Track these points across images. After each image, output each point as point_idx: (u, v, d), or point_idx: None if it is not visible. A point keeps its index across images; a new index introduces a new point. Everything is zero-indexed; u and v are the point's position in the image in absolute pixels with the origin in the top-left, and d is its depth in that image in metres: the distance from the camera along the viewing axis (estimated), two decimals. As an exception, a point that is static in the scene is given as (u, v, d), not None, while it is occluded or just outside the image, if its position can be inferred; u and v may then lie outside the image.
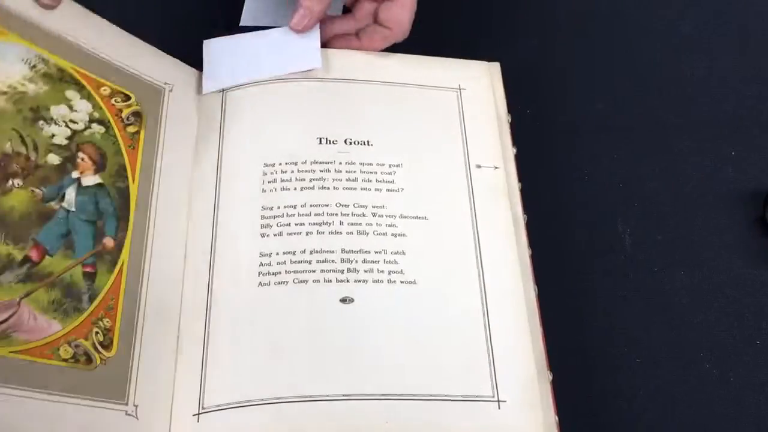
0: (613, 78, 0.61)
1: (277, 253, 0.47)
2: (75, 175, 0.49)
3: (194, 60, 0.55)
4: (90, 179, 0.49)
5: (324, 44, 0.55)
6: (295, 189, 0.50)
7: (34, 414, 0.42)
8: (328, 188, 0.50)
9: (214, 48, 0.55)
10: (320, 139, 0.52)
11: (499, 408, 0.44)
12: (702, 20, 0.64)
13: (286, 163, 0.50)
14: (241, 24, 0.60)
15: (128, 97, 0.52)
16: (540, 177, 0.54)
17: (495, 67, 0.57)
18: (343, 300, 0.46)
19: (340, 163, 0.51)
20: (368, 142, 0.52)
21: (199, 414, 0.43)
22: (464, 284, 0.48)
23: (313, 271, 0.47)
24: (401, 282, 0.47)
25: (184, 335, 0.46)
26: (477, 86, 0.56)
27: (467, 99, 0.55)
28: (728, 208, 0.55)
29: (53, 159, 0.49)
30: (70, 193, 0.48)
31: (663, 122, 0.58)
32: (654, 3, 0.65)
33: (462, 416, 0.43)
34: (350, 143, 0.52)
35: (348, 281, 0.47)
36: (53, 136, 0.49)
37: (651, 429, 0.47)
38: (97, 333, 0.45)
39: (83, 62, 0.51)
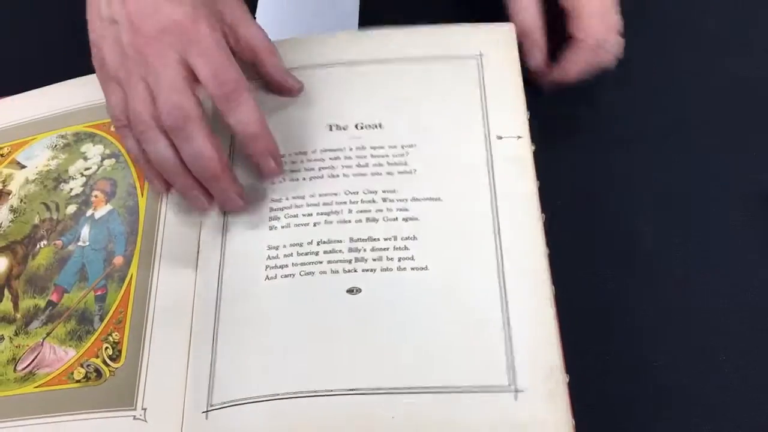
0: (635, 74, 0.58)
1: (285, 246, 0.46)
2: (89, 213, 0.51)
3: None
4: (102, 210, 0.51)
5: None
6: (304, 179, 0.48)
7: None
8: (338, 176, 0.48)
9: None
10: (331, 125, 0.50)
11: (516, 399, 0.41)
12: (726, 16, 0.61)
13: (295, 154, 0.49)
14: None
15: None
16: (560, 174, 0.51)
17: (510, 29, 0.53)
18: (350, 291, 0.44)
19: (351, 149, 0.49)
20: (380, 124, 0.50)
21: (207, 411, 0.43)
22: (481, 266, 0.44)
23: (320, 263, 0.45)
24: (411, 269, 0.44)
25: (198, 334, 0.45)
26: (499, 50, 0.52)
27: (488, 65, 0.51)
28: (752, 208, 0.52)
29: (71, 209, 0.51)
30: (85, 231, 0.50)
31: (686, 121, 0.55)
32: (678, -2, 0.62)
33: (475, 408, 0.40)
34: (361, 128, 0.50)
35: (355, 271, 0.45)
36: (71, 189, 0.52)
37: (670, 432, 0.45)
38: (106, 348, 0.46)
39: (94, 116, 0.54)
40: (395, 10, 0.59)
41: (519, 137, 0.49)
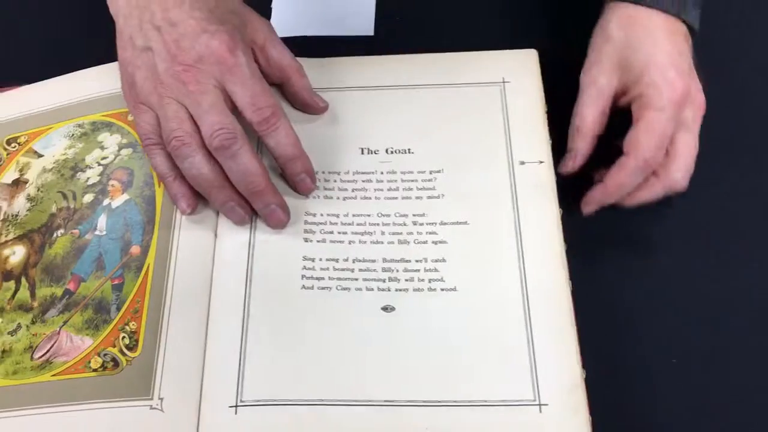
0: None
1: (321, 259, 0.48)
2: (106, 202, 0.51)
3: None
4: (119, 200, 0.51)
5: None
6: (338, 198, 0.51)
7: (65, 425, 0.44)
8: (370, 198, 0.51)
9: None
10: (362, 149, 0.53)
11: (540, 412, 0.44)
12: (745, 16, 0.62)
13: (329, 172, 0.52)
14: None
15: None
16: (576, 172, 0.52)
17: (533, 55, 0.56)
18: (385, 308, 0.47)
19: (382, 173, 0.52)
20: (409, 150, 0.53)
21: (236, 406, 0.44)
22: (505, 287, 0.47)
23: (356, 279, 0.48)
24: (441, 290, 0.48)
25: (219, 326, 0.46)
26: (521, 76, 0.55)
27: (511, 92, 0.54)
28: (760, 208, 0.54)
29: (88, 198, 0.51)
30: (102, 221, 0.51)
31: (702, 121, 0.53)
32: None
33: (502, 421, 0.44)
34: (391, 152, 0.53)
35: (389, 290, 0.48)
36: (88, 179, 0.52)
37: (684, 432, 0.47)
38: (123, 338, 0.46)
39: (111, 105, 0.55)
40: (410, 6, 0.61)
41: (541, 162, 0.52)
